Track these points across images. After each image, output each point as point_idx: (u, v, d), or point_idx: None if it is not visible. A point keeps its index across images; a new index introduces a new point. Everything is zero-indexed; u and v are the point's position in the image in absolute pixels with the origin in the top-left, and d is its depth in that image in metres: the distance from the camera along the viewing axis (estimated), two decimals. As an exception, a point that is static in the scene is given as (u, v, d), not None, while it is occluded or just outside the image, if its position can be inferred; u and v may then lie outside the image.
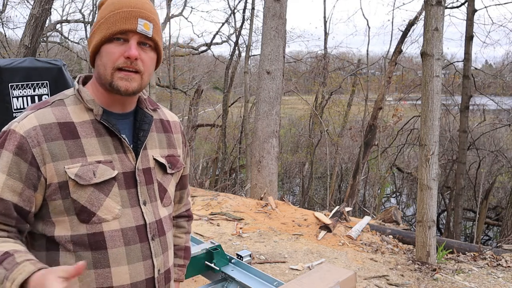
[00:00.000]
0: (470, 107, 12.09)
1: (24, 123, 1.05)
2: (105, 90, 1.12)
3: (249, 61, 14.94)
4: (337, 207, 6.08)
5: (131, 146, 1.16)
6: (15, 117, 1.32)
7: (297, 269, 4.22)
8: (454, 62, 13.92)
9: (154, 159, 1.20)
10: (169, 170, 1.24)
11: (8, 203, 1.02)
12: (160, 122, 1.28)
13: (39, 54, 11.08)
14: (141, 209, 1.14)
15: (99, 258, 1.07)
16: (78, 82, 1.17)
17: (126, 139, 1.15)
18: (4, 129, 1.08)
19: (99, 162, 1.08)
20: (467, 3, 11.47)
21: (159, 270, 1.17)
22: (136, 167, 1.15)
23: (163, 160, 1.22)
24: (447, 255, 4.77)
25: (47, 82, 2.95)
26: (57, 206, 1.06)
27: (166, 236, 1.22)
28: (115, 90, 1.08)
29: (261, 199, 6.89)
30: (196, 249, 2.43)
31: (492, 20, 13.73)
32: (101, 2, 1.14)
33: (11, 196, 1.03)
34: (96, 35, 1.09)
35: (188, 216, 1.48)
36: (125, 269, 1.10)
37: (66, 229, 1.07)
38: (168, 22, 14.86)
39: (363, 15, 35.11)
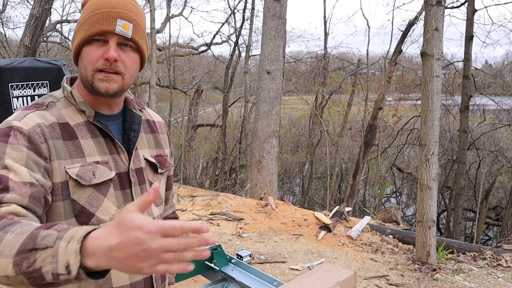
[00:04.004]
0: (470, 107, 12.09)
1: (26, 121, 1.02)
2: (88, 91, 1.11)
3: (249, 61, 14.93)
4: (337, 207, 6.08)
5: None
6: None
7: (297, 269, 4.22)
8: (454, 62, 13.93)
9: (145, 159, 1.20)
10: (159, 170, 1.24)
11: (37, 187, 0.96)
12: (147, 122, 1.28)
13: (39, 54, 11.08)
14: None
15: None
16: (66, 83, 1.15)
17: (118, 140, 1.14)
18: (0, 127, 1.02)
19: (97, 162, 1.08)
20: (467, 3, 11.47)
21: None
22: (130, 167, 1.15)
23: (153, 160, 1.23)
24: (447, 255, 4.77)
25: (47, 82, 2.95)
26: (57, 209, 1.04)
27: None
28: (96, 91, 1.07)
29: (261, 199, 6.89)
30: (196, 249, 2.42)
31: (492, 20, 13.72)
32: (83, 2, 1.12)
33: (38, 182, 0.97)
34: (77, 36, 1.08)
35: (174, 219, 1.48)
36: None
37: None
38: (168, 22, 14.86)
39: (363, 15, 35.05)
